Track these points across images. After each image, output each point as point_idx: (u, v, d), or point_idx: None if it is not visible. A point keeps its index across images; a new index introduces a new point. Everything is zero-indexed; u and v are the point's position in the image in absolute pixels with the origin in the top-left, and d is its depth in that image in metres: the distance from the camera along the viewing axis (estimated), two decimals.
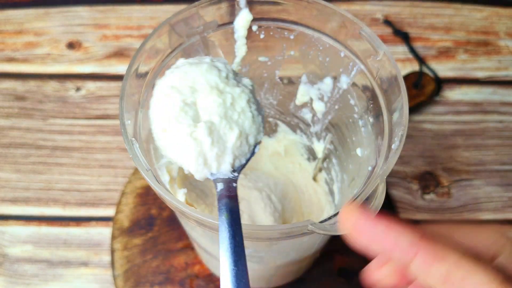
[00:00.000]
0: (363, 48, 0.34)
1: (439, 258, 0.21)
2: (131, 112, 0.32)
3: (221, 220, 0.26)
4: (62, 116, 0.62)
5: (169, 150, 0.30)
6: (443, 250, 0.21)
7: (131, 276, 0.51)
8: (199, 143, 0.29)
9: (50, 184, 0.57)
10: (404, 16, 0.71)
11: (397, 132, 0.30)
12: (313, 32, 0.37)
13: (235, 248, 0.25)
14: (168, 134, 0.30)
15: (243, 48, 0.40)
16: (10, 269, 0.52)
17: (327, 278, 0.51)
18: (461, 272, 0.21)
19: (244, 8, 0.37)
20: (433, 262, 0.21)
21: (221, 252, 0.25)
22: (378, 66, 0.34)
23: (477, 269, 0.21)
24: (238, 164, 0.31)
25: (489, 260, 0.23)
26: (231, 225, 0.26)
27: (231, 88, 0.30)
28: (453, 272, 0.21)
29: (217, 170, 0.29)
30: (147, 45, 0.34)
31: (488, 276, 0.20)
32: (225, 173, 0.29)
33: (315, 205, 0.50)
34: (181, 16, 0.35)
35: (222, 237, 0.26)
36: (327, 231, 0.26)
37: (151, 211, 0.55)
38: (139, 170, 0.29)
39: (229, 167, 0.29)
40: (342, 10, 0.35)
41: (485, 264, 0.21)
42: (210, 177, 0.30)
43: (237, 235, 0.26)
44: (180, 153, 0.29)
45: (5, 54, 0.67)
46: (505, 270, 0.22)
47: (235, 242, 0.25)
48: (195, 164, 0.29)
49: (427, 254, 0.21)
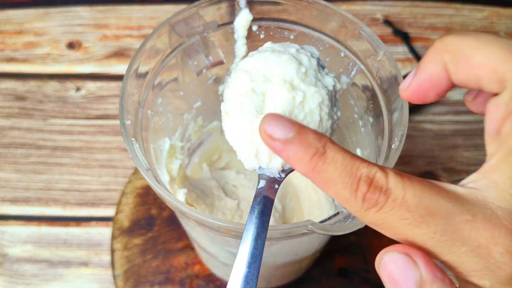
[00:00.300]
0: (363, 48, 0.35)
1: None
2: (131, 112, 0.33)
3: (250, 218, 0.26)
4: (62, 116, 0.62)
5: (228, 134, 0.29)
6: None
7: (131, 276, 0.51)
8: (255, 133, 0.27)
9: (50, 184, 0.57)
10: (404, 16, 0.71)
11: (397, 132, 0.31)
12: (313, 32, 0.37)
13: (253, 250, 0.25)
14: (230, 118, 0.29)
15: (243, 48, 0.40)
16: (10, 269, 0.52)
17: (327, 278, 0.51)
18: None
19: (244, 8, 0.37)
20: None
21: (240, 250, 0.25)
22: (378, 66, 0.34)
23: None
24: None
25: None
26: (258, 227, 0.25)
27: (306, 86, 0.28)
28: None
29: (266, 166, 0.28)
30: (147, 45, 0.34)
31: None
32: (273, 171, 0.28)
33: (315, 205, 0.50)
34: (181, 16, 0.35)
35: (245, 235, 0.25)
36: (327, 231, 0.26)
37: (151, 211, 0.55)
38: (139, 170, 0.29)
39: (279, 165, 0.28)
40: (342, 10, 0.35)
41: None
42: (258, 170, 0.28)
43: (260, 238, 0.25)
44: (236, 139, 0.29)
45: (5, 54, 0.67)
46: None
47: (256, 244, 0.25)
48: (247, 153, 0.28)
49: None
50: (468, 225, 0.20)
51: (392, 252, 0.21)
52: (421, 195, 0.21)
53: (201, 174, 0.50)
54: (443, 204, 0.21)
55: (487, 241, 0.20)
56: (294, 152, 0.22)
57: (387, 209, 0.21)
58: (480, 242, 0.20)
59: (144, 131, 0.34)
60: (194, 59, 0.38)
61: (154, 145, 0.37)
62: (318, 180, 0.22)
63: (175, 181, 0.41)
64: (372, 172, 0.21)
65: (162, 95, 0.38)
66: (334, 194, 0.22)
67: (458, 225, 0.20)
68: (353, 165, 0.21)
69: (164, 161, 0.40)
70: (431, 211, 0.20)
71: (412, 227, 0.21)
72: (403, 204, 0.21)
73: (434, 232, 0.20)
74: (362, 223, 0.26)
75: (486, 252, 0.20)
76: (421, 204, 0.21)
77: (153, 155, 0.36)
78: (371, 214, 0.21)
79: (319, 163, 0.22)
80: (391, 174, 0.21)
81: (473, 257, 0.20)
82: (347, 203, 0.22)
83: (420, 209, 0.21)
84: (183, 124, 0.45)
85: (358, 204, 0.21)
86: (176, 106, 0.43)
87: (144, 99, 0.35)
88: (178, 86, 0.41)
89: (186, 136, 0.46)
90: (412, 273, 0.20)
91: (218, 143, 0.51)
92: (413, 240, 0.21)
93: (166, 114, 0.40)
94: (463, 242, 0.20)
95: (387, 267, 0.21)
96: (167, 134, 0.42)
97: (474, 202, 0.21)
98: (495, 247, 0.20)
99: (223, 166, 0.53)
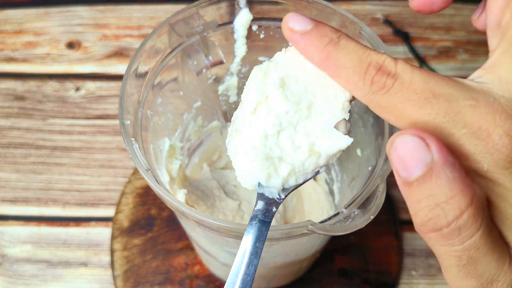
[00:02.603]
0: None
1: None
2: (130, 112, 0.32)
3: (244, 242, 0.25)
4: (61, 116, 0.62)
5: (232, 151, 0.28)
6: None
7: (130, 276, 0.51)
8: (264, 152, 0.26)
9: (50, 184, 0.57)
10: (404, 16, 0.71)
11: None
12: None
13: (244, 276, 0.25)
14: (240, 136, 0.27)
15: (243, 48, 0.40)
16: (9, 269, 0.52)
17: (327, 278, 0.51)
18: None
19: (244, 8, 0.37)
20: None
21: (230, 275, 0.25)
22: None
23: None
24: (293, 183, 0.27)
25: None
26: (251, 253, 0.25)
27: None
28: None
29: (266, 183, 0.27)
30: (146, 45, 0.34)
31: None
32: (273, 191, 0.27)
33: (315, 204, 0.50)
34: (181, 16, 0.35)
35: (237, 261, 0.25)
36: (327, 232, 0.26)
37: (151, 211, 0.55)
38: (139, 171, 0.29)
39: (279, 183, 0.26)
40: (342, 10, 0.35)
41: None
42: (258, 189, 0.27)
43: (252, 265, 0.25)
44: (240, 158, 0.27)
45: (5, 54, 0.67)
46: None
47: (247, 270, 0.25)
48: (246, 171, 0.27)
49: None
50: (471, 109, 0.21)
51: (405, 135, 0.21)
52: (427, 80, 0.21)
53: (201, 174, 0.50)
54: (448, 89, 0.21)
55: (488, 124, 0.20)
56: (311, 41, 0.23)
57: (394, 91, 0.22)
58: (481, 125, 0.21)
59: (144, 131, 0.34)
60: (194, 59, 0.38)
61: (154, 145, 0.37)
62: (331, 67, 0.23)
63: (175, 182, 0.41)
64: (382, 59, 0.22)
65: (162, 95, 0.38)
66: (344, 79, 0.23)
67: (461, 109, 0.21)
68: (363, 51, 0.23)
69: (164, 161, 0.40)
70: (435, 94, 0.21)
71: (416, 108, 0.21)
72: (410, 87, 0.21)
73: (437, 113, 0.21)
74: (362, 223, 0.26)
75: (486, 134, 0.20)
76: (427, 87, 0.21)
77: (153, 155, 0.35)
78: (378, 96, 0.22)
79: (332, 50, 0.23)
80: (400, 61, 0.22)
81: (473, 139, 0.21)
82: (355, 87, 0.23)
83: (425, 92, 0.21)
84: (183, 124, 0.45)
85: (367, 87, 0.22)
86: (176, 106, 0.43)
87: (144, 99, 0.34)
88: (178, 86, 0.41)
89: (186, 136, 0.46)
90: (423, 155, 0.20)
91: (218, 143, 0.51)
92: (417, 121, 0.22)
93: (165, 114, 0.40)
94: (464, 124, 0.21)
95: (398, 149, 0.21)
96: (166, 134, 0.42)
97: (479, 90, 0.22)
98: (495, 129, 0.20)
99: (223, 166, 0.53)
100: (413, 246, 0.54)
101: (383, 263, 0.52)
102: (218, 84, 0.44)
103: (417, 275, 0.52)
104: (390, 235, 0.53)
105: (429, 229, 0.21)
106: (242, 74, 0.44)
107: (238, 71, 0.43)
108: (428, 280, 0.52)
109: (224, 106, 0.47)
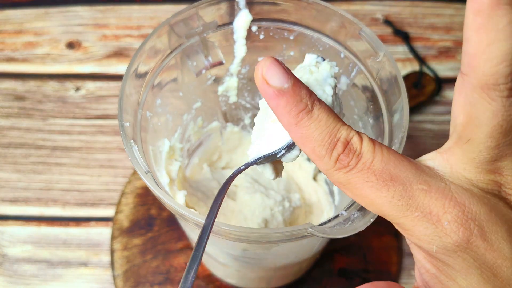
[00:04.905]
0: (363, 49, 0.34)
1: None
2: (130, 113, 0.32)
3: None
4: (61, 116, 0.62)
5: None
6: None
7: (131, 276, 0.51)
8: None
9: (50, 184, 0.57)
10: (404, 16, 0.71)
11: (397, 134, 0.30)
12: (313, 32, 0.37)
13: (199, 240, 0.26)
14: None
15: (242, 49, 0.40)
16: (9, 269, 0.52)
17: (327, 278, 0.51)
18: None
19: (243, 9, 0.37)
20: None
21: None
22: (378, 67, 0.33)
23: None
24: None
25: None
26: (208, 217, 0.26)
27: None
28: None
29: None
30: (146, 45, 0.34)
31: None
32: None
33: (314, 205, 0.50)
34: (181, 16, 0.35)
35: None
36: (326, 234, 0.26)
37: (151, 211, 0.55)
38: (138, 173, 0.29)
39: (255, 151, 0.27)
40: (342, 10, 0.35)
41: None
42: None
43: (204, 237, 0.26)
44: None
45: (5, 54, 0.67)
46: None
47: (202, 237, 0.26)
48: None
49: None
50: (423, 194, 0.22)
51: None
52: (387, 162, 0.22)
53: (201, 175, 0.50)
54: (404, 172, 0.22)
55: (438, 209, 0.22)
56: (285, 103, 0.23)
57: (355, 171, 0.23)
58: (431, 210, 0.22)
59: (143, 133, 0.34)
60: (194, 60, 0.38)
61: (153, 146, 0.37)
62: (298, 134, 0.23)
63: (175, 183, 0.41)
64: (350, 136, 0.23)
65: (162, 96, 0.38)
66: (310, 150, 0.23)
67: (414, 192, 0.22)
68: (334, 126, 0.23)
69: (164, 162, 0.40)
70: (393, 177, 0.22)
71: (374, 190, 0.22)
72: (370, 168, 0.22)
73: (393, 196, 0.22)
74: (362, 226, 0.26)
75: (435, 219, 0.22)
76: (386, 169, 0.22)
77: (152, 157, 0.35)
78: (340, 174, 0.23)
79: (304, 118, 0.23)
80: (365, 139, 0.23)
81: (424, 222, 0.22)
82: (320, 161, 0.23)
83: (384, 174, 0.22)
84: (183, 124, 0.45)
85: (331, 163, 0.23)
86: (176, 107, 0.43)
87: (143, 100, 0.34)
88: (178, 86, 0.41)
89: (185, 136, 0.46)
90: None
91: (218, 143, 0.51)
92: (373, 201, 0.23)
93: (165, 115, 0.40)
94: (416, 208, 0.22)
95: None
96: (166, 135, 0.42)
97: (432, 175, 0.23)
98: (444, 215, 0.22)
99: (223, 166, 0.53)
100: None
101: (383, 263, 0.52)
102: (218, 85, 0.45)
103: None
104: (390, 235, 0.53)
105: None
106: (241, 75, 0.44)
107: (238, 72, 0.43)
108: None
109: (224, 107, 0.47)
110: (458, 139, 0.23)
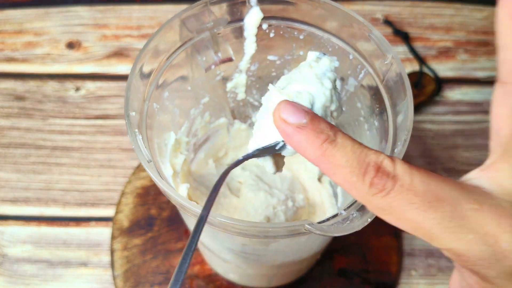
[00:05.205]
0: (372, 51, 0.34)
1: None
2: (136, 104, 0.32)
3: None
4: (61, 116, 0.62)
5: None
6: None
7: (131, 276, 0.51)
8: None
9: (50, 184, 0.57)
10: (404, 16, 0.71)
11: (401, 136, 0.30)
12: (323, 33, 0.37)
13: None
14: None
15: (252, 46, 0.40)
16: (9, 269, 0.52)
17: (327, 278, 0.51)
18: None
19: (255, 6, 0.37)
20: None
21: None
22: (385, 70, 0.33)
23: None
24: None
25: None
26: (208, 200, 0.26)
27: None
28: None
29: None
30: (156, 38, 0.34)
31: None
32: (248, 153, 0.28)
33: (318, 206, 0.50)
34: (192, 11, 0.35)
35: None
36: (324, 232, 0.26)
37: (151, 211, 0.55)
38: (141, 162, 0.29)
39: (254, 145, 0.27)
40: (353, 12, 0.34)
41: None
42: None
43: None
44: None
45: (5, 54, 0.67)
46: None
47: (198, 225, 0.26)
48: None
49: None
50: (475, 213, 0.20)
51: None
52: (428, 182, 0.21)
53: (206, 170, 0.50)
54: (450, 192, 0.21)
55: (494, 229, 0.20)
56: (306, 136, 0.23)
57: (394, 194, 0.21)
58: (487, 230, 0.20)
59: (149, 124, 0.34)
60: (203, 55, 0.38)
61: (159, 139, 0.37)
62: (326, 165, 0.23)
63: (178, 176, 0.41)
64: (380, 159, 0.22)
65: (170, 89, 0.38)
66: (341, 179, 0.22)
67: (465, 212, 0.20)
68: (361, 151, 0.22)
69: (169, 155, 0.40)
70: (438, 197, 0.21)
71: (419, 212, 0.21)
72: (411, 189, 0.21)
73: (442, 217, 0.20)
74: (359, 226, 0.26)
75: (493, 240, 0.20)
76: (429, 190, 0.21)
77: (157, 149, 0.35)
78: (378, 199, 0.21)
79: (329, 147, 0.22)
80: (398, 161, 0.22)
81: (480, 245, 0.20)
82: (354, 188, 0.22)
83: (427, 195, 0.21)
84: (190, 119, 0.45)
85: (365, 188, 0.22)
86: (183, 101, 0.42)
87: (151, 92, 0.34)
88: (186, 81, 0.40)
89: (192, 131, 0.46)
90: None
91: (225, 140, 0.51)
92: (421, 225, 0.21)
93: (172, 108, 0.40)
94: (470, 229, 0.20)
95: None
96: (172, 128, 0.41)
97: (480, 193, 0.21)
98: (503, 236, 0.20)
99: (229, 162, 0.53)
100: (413, 246, 0.54)
101: (383, 263, 0.52)
102: (227, 81, 0.44)
103: (417, 275, 0.52)
104: (390, 235, 0.54)
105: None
106: (250, 72, 0.44)
107: (247, 69, 0.43)
108: (428, 280, 0.52)
109: (232, 103, 0.47)
110: (504, 152, 0.22)
